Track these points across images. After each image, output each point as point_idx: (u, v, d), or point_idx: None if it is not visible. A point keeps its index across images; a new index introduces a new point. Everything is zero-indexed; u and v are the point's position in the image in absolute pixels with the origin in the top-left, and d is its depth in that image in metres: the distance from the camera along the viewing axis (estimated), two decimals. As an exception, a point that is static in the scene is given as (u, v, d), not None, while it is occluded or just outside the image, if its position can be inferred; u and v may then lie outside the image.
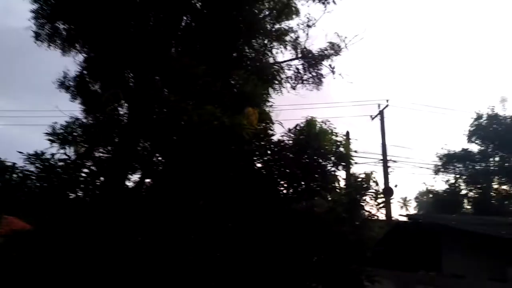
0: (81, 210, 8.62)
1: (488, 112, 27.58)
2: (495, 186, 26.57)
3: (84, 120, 11.98)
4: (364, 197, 9.60)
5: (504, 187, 26.30)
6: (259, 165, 9.74)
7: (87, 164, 9.49)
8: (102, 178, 9.52)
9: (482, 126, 27.35)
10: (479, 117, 27.69)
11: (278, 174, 10.23)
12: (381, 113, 22.37)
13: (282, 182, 10.29)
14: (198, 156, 8.50)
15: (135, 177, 10.48)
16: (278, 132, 10.22)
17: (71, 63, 15.47)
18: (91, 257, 7.95)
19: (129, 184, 10.37)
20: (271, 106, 10.49)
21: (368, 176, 9.37)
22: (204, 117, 8.50)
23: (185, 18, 13.64)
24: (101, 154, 10.12)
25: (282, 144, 9.91)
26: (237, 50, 13.33)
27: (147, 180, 10.49)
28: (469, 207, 28.34)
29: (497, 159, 26.95)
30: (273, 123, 10.08)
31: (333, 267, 9.07)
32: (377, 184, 9.71)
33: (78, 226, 8.21)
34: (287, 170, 10.13)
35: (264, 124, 9.82)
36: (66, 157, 9.36)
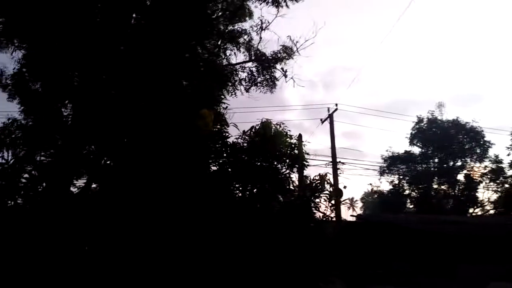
0: (21, 218, 7.91)
1: (428, 116, 29.20)
2: (435, 186, 28.17)
3: (24, 122, 11.08)
4: (318, 199, 9.70)
5: (443, 187, 27.95)
6: (214, 167, 9.52)
7: (28, 168, 8.75)
8: (44, 184, 8.81)
9: (423, 129, 28.96)
10: (420, 121, 29.30)
11: (233, 176, 10.07)
12: (330, 116, 22.93)
13: (237, 185, 10.15)
14: (150, 159, 8.12)
15: (81, 182, 9.84)
16: (233, 134, 10.08)
17: (8, 60, 14.29)
18: (32, 268, 7.31)
19: (74, 189, 9.70)
20: (226, 108, 10.32)
21: (322, 178, 9.47)
22: (156, 118, 8.16)
23: (134, 15, 13.11)
24: (42, 158, 9.39)
25: (237, 146, 9.77)
26: (189, 51, 13.01)
27: (94, 185, 9.89)
28: (411, 206, 29.81)
29: (436, 160, 28.59)
30: (228, 125, 9.90)
31: (289, 269, 9.04)
32: (331, 186, 9.87)
33: (18, 235, 7.52)
34: (242, 173, 10.01)
35: (219, 126, 9.62)
36: (4, 161, 8.57)
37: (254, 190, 10.39)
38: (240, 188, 10.34)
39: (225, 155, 9.48)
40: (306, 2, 14.13)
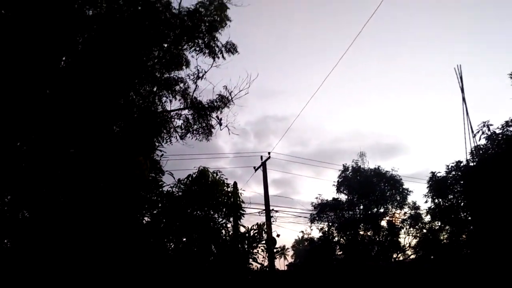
0: None
1: (353, 165, 30.83)
2: (361, 233, 29.27)
3: None
4: (256, 249, 9.56)
5: (368, 233, 29.14)
6: (147, 218, 9.02)
7: None
8: None
9: (348, 177, 30.37)
10: (346, 169, 30.79)
11: (167, 228, 9.62)
12: (263, 164, 23.27)
13: (171, 237, 9.69)
14: (76, 213, 7.47)
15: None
16: (169, 183, 9.74)
17: None
18: None
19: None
20: (161, 155, 10.01)
21: (260, 228, 9.41)
22: (85, 167, 7.64)
23: (64, 58, 12.58)
24: None
25: (173, 195, 9.43)
26: (123, 97, 12.67)
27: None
28: (340, 252, 30.48)
29: (361, 207, 29.95)
30: (163, 173, 9.56)
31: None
32: (268, 236, 9.82)
33: None
34: (177, 223, 9.61)
35: (153, 174, 9.26)
36: None
37: (189, 242, 10.00)
38: (174, 240, 9.88)
39: (159, 205, 9.08)
40: (242, 54, 14.67)
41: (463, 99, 14.24)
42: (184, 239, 9.53)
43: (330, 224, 29.97)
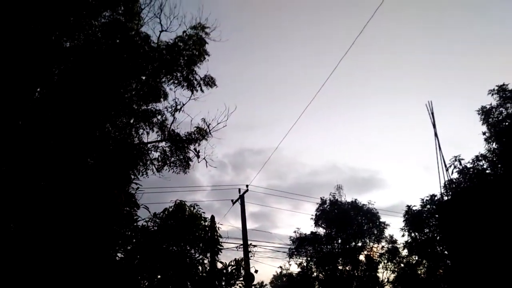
0: None
1: (330, 198, 30.88)
2: (340, 267, 28.94)
3: None
4: (233, 286, 9.24)
5: (347, 267, 28.83)
6: (120, 254, 8.62)
7: None
8: None
9: (326, 211, 30.31)
10: (323, 202, 30.75)
11: (141, 265, 9.22)
12: (241, 197, 22.98)
13: (145, 274, 9.27)
14: (47, 246, 7.07)
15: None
16: (144, 217, 9.42)
17: None
18: None
19: None
20: (137, 188, 9.70)
21: (238, 264, 9.13)
22: (56, 201, 7.31)
23: (38, 89, 12.35)
24: None
25: (148, 230, 9.10)
26: (99, 128, 12.43)
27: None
28: (318, 288, 29.95)
29: (339, 241, 29.77)
30: (138, 207, 9.25)
31: None
32: (246, 272, 9.53)
33: None
34: (152, 260, 9.23)
35: (128, 208, 8.94)
36: None
37: (164, 280, 9.59)
38: (149, 277, 9.46)
39: (134, 240, 8.72)
40: (220, 86, 14.77)
41: (435, 134, 14.66)
42: (159, 276, 9.12)
43: (309, 259, 29.58)
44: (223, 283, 9.52)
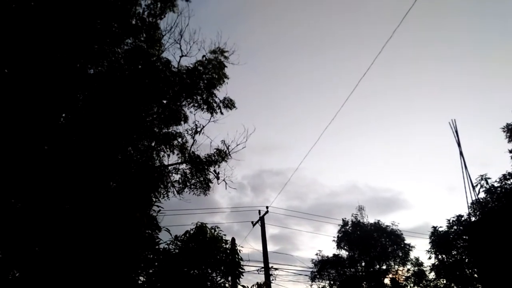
0: None
1: (352, 219, 30.27)
2: (364, 291, 28.06)
3: None
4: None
5: (371, 291, 27.93)
6: (142, 278, 8.60)
7: None
8: None
9: (348, 232, 29.68)
10: (345, 224, 30.16)
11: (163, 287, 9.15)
12: (261, 219, 22.78)
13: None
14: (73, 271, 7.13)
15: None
16: (165, 239, 9.41)
17: None
18: None
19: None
20: (158, 211, 9.75)
21: (260, 287, 8.98)
22: (80, 225, 7.41)
23: (64, 115, 12.73)
24: None
25: (169, 253, 9.08)
26: (121, 152, 12.67)
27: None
28: (343, 313, 29.04)
29: (363, 264, 28.99)
30: (160, 230, 9.27)
31: None
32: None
33: None
34: (173, 283, 9.16)
35: (150, 231, 8.97)
36: None
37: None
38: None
39: (156, 263, 8.70)
40: (239, 108, 14.93)
41: (461, 153, 14.35)
42: (180, 301, 9.03)
43: (332, 282, 28.85)
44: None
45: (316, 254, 30.22)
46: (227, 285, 9.79)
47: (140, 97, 12.81)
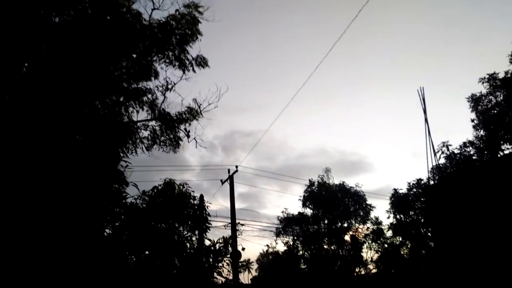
0: None
1: (318, 180, 31.27)
2: (325, 247, 29.58)
3: None
4: (220, 263, 9.50)
5: (332, 247, 29.48)
6: (108, 230, 8.78)
7: None
8: None
9: (314, 192, 30.74)
10: (312, 184, 31.15)
11: (129, 241, 9.40)
12: (230, 178, 23.25)
13: (133, 250, 9.47)
14: (34, 221, 7.18)
15: None
16: (132, 194, 9.55)
17: None
18: None
19: None
20: (126, 166, 9.77)
21: (226, 241, 9.38)
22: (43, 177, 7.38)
23: (27, 64, 12.22)
24: None
25: (136, 207, 9.25)
26: (88, 105, 12.39)
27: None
28: (304, 266, 30.67)
29: (326, 222, 30.34)
30: (127, 185, 9.36)
31: None
32: (233, 249, 9.79)
33: None
34: (140, 236, 9.41)
35: (117, 186, 9.06)
36: None
37: (152, 256, 9.80)
38: (135, 253, 9.66)
39: (122, 217, 8.87)
40: (212, 67, 14.73)
41: (426, 119, 14.93)
42: (147, 252, 9.33)
43: (295, 238, 30.15)
44: (211, 260, 9.77)
45: (282, 212, 31.31)
46: (193, 238, 10.15)
47: (108, 49, 12.39)
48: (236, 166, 23.24)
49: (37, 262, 7.16)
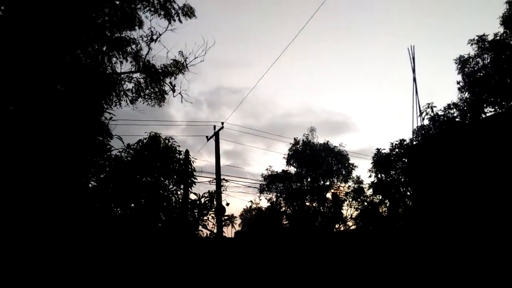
0: None
1: (303, 139, 31.50)
2: (307, 204, 30.33)
3: None
4: (206, 217, 9.61)
5: (314, 204, 30.25)
6: (93, 183, 8.70)
7: None
8: None
9: (299, 151, 31.06)
10: (296, 143, 31.41)
11: (115, 193, 9.36)
12: (216, 134, 23.18)
13: (118, 203, 9.46)
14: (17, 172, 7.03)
15: None
16: (117, 147, 9.39)
17: None
18: None
19: None
20: (110, 118, 9.52)
21: (212, 195, 9.44)
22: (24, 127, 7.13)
23: (3, 7, 11.50)
24: None
25: (121, 160, 9.14)
26: (69, 54, 11.85)
27: None
28: (286, 222, 31.54)
29: (309, 180, 30.91)
30: (111, 137, 9.17)
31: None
32: (218, 204, 9.89)
33: None
34: (125, 189, 9.38)
35: (101, 138, 8.87)
36: None
37: (137, 208, 9.83)
38: (121, 205, 9.67)
39: (107, 169, 8.77)
40: (199, 19, 14.18)
41: (414, 79, 14.84)
42: (132, 205, 9.34)
43: (278, 195, 30.75)
44: (196, 213, 9.87)
45: (267, 170, 31.71)
46: (179, 192, 10.17)
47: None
48: (222, 123, 23.12)
49: (18, 213, 7.09)
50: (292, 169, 31.07)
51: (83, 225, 7.57)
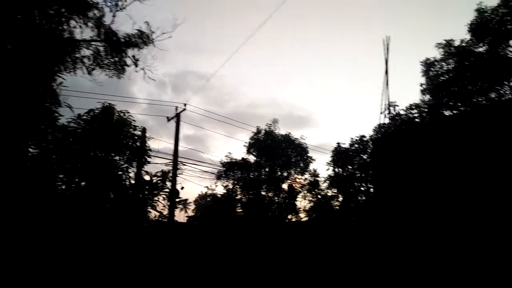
0: None
1: (266, 128, 31.42)
2: (263, 193, 30.40)
3: None
4: (157, 197, 9.20)
5: (269, 194, 30.38)
6: (34, 151, 8.03)
7: None
8: None
9: (260, 140, 30.95)
10: (259, 132, 31.28)
11: (58, 165, 8.73)
12: (177, 115, 22.51)
13: (61, 176, 8.83)
14: None
15: None
16: (66, 116, 8.73)
17: None
18: None
19: None
20: (60, 83, 8.79)
21: (165, 175, 9.05)
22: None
23: None
24: None
25: (67, 129, 8.49)
26: (22, 13, 10.88)
27: None
28: (240, 210, 31.52)
29: (267, 169, 30.96)
30: (60, 105, 8.50)
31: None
32: (172, 186, 9.50)
33: None
34: (71, 162, 8.77)
35: (48, 104, 8.19)
36: None
37: (82, 184, 9.24)
38: (65, 180, 9.04)
39: (50, 137, 8.10)
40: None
41: (386, 71, 14.52)
42: (77, 179, 8.75)
43: (235, 182, 30.57)
44: (147, 193, 9.43)
45: (226, 156, 31.40)
46: (130, 170, 9.68)
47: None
48: (185, 104, 22.53)
49: None
50: (252, 158, 31.00)
51: (16, 194, 6.96)
